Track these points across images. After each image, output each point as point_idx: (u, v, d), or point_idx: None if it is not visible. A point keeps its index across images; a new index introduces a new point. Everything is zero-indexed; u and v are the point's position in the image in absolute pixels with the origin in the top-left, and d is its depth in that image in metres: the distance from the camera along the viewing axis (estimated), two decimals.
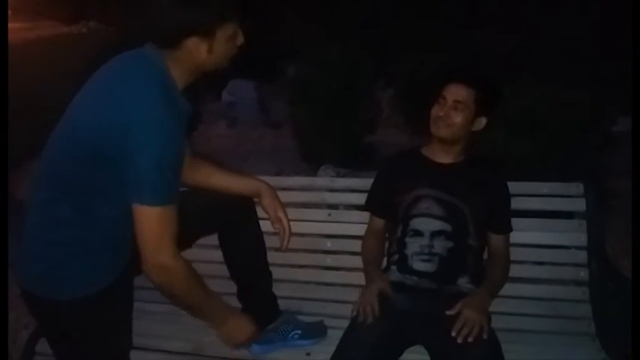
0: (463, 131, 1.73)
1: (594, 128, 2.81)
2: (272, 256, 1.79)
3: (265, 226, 1.74)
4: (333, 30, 6.38)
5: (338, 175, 3.01)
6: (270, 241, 1.76)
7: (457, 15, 5.57)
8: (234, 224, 1.64)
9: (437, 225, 1.70)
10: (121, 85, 1.29)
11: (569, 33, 4.59)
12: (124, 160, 1.24)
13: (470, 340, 1.48)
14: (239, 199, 1.65)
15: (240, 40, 1.39)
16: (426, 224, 1.71)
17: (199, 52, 1.31)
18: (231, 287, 1.79)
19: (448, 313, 1.56)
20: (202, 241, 1.74)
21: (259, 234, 1.71)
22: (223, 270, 1.78)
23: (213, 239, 1.74)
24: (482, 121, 1.74)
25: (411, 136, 5.19)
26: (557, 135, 2.74)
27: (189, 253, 1.53)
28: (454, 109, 1.70)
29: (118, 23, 7.31)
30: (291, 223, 1.68)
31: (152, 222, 1.26)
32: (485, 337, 1.50)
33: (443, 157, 1.79)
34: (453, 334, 1.50)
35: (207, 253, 1.90)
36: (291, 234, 1.67)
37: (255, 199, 1.69)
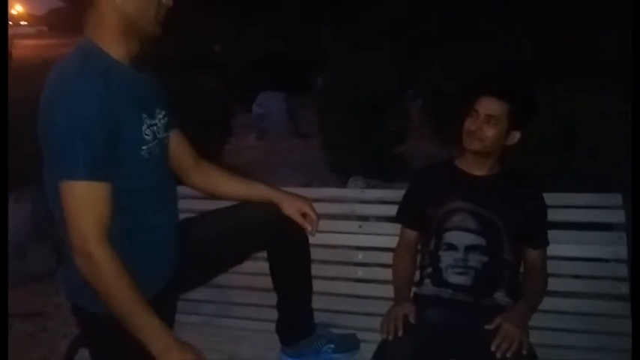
0: (496, 145, 1.71)
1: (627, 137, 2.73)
2: None
3: None
4: (361, 40, 6.41)
5: (368, 187, 3.00)
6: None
7: (488, 24, 5.52)
8: (285, 239, 1.63)
9: (471, 239, 1.68)
10: (51, 75, 1.30)
11: (603, 41, 4.50)
12: (47, 142, 1.23)
13: (508, 355, 1.45)
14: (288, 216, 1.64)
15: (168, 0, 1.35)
16: (460, 238, 1.69)
17: None
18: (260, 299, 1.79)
19: (487, 327, 1.53)
20: None
21: (307, 248, 1.70)
22: (255, 281, 1.79)
23: None
24: (517, 135, 1.71)
25: (441, 147, 5.15)
26: (593, 145, 2.68)
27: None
28: (486, 123, 1.68)
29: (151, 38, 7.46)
30: (322, 235, 1.67)
31: (75, 199, 1.20)
32: (524, 352, 1.47)
33: (477, 169, 1.76)
34: (493, 348, 1.46)
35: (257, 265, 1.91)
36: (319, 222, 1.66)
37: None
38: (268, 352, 1.78)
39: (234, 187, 1.64)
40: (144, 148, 1.32)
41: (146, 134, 1.33)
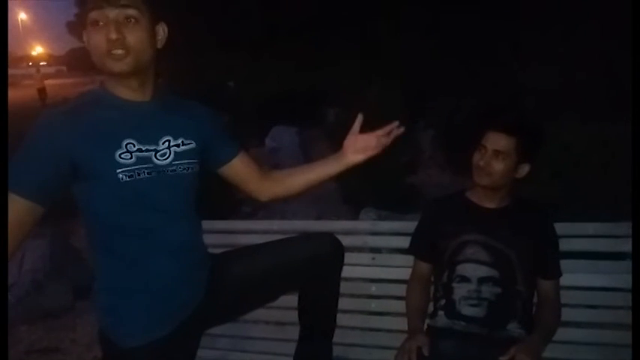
0: (505, 179, 1.72)
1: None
2: None
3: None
4: (371, 73, 6.52)
5: (379, 218, 3.02)
6: None
7: (496, 54, 5.60)
8: (316, 278, 1.62)
9: (484, 271, 1.69)
10: None
11: (608, 69, 4.54)
12: None
13: None
14: (326, 254, 1.63)
15: (109, 33, 1.30)
16: (472, 270, 1.70)
17: (84, 38, 1.34)
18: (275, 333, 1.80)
19: (501, 359, 1.53)
20: None
21: (338, 287, 1.69)
22: (270, 315, 1.79)
23: None
24: (526, 168, 1.73)
25: (453, 177, 5.17)
26: (602, 174, 2.69)
27: None
28: (495, 159, 1.69)
29: (167, 74, 7.65)
30: None
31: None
32: None
33: (487, 202, 1.78)
34: None
35: None
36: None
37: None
38: None
39: (311, 175, 1.67)
40: (119, 170, 1.31)
41: (122, 158, 1.32)
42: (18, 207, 1.26)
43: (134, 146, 1.35)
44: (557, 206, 1.89)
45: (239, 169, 1.62)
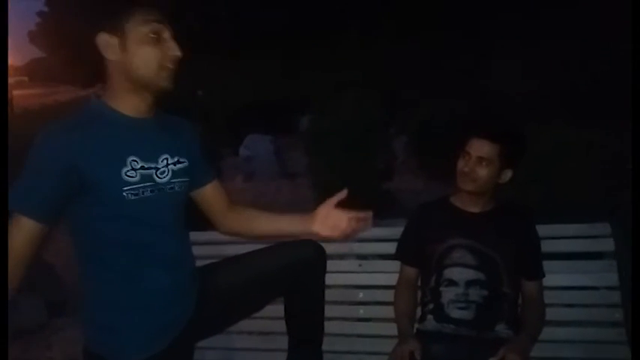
0: (489, 184, 1.77)
1: (611, 168, 2.85)
2: None
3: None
4: (344, 80, 6.57)
5: None
6: None
7: (467, 62, 5.73)
8: (300, 286, 1.62)
9: (471, 274, 1.73)
10: None
11: (576, 76, 4.71)
12: None
13: None
14: (308, 260, 1.61)
15: (173, 51, 1.36)
16: (460, 274, 1.73)
17: (111, 50, 1.33)
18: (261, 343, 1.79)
19: (491, 359, 1.57)
20: None
21: (323, 293, 1.69)
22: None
23: None
24: (509, 174, 1.78)
25: (427, 182, 5.26)
26: (576, 177, 2.78)
27: None
28: (479, 165, 1.74)
29: None
30: None
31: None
32: None
33: (472, 207, 1.82)
34: None
35: None
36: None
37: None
38: None
39: (270, 225, 1.62)
40: (125, 189, 1.32)
41: (128, 176, 1.33)
42: (28, 230, 1.26)
43: (137, 164, 1.35)
44: (535, 210, 1.95)
45: (209, 196, 1.61)
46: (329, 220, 1.56)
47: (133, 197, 1.33)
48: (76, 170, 1.27)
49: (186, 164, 1.47)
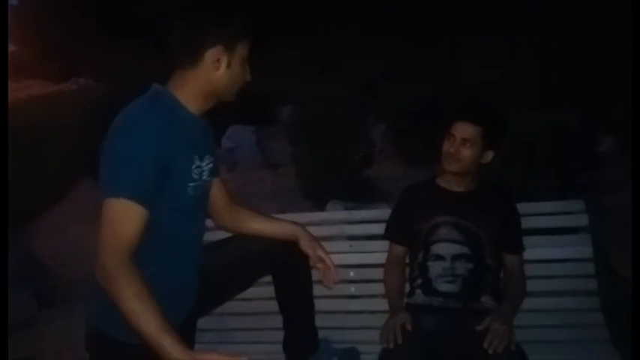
0: (473, 165, 1.87)
1: (582, 150, 3.00)
2: None
3: None
4: (321, 71, 6.64)
5: (346, 209, 3.14)
6: None
7: (441, 49, 5.85)
8: (288, 264, 1.70)
9: (457, 249, 1.83)
10: (120, 113, 1.42)
11: (546, 62, 4.88)
12: (104, 167, 1.34)
13: (499, 351, 1.60)
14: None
15: (248, 75, 1.48)
16: (446, 249, 1.84)
17: (219, 63, 1.40)
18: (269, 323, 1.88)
19: (478, 328, 1.68)
20: None
21: (309, 272, 1.77)
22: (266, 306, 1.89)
23: None
24: (490, 154, 1.89)
25: (405, 169, 5.38)
26: (549, 158, 2.93)
27: None
28: (463, 146, 1.84)
29: (108, 78, 7.47)
30: None
31: (110, 215, 1.28)
32: (512, 347, 1.62)
33: (456, 186, 1.92)
34: (485, 346, 1.61)
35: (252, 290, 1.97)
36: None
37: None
38: None
39: (261, 226, 1.71)
40: (190, 184, 1.44)
41: (194, 174, 1.45)
42: (142, 217, 1.31)
43: (198, 162, 1.46)
44: (514, 189, 2.06)
45: (212, 192, 1.67)
46: (313, 244, 1.68)
47: (192, 193, 1.44)
48: (164, 157, 1.35)
49: (213, 164, 1.57)
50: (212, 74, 1.41)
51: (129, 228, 1.30)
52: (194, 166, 1.45)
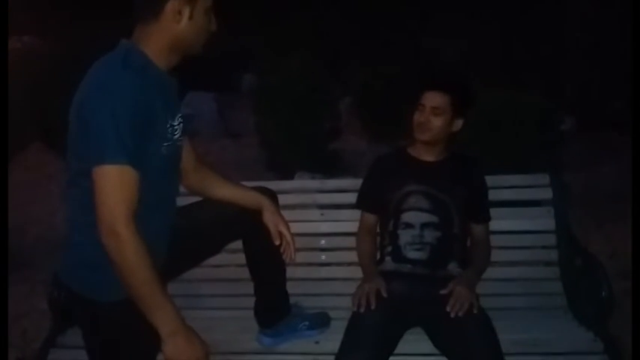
0: (443, 133, 1.91)
1: (545, 127, 3.11)
2: None
3: None
4: (284, 40, 6.54)
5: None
6: None
7: (406, 25, 5.87)
8: (258, 229, 1.70)
9: (425, 217, 1.87)
10: (90, 70, 1.38)
11: (511, 39, 4.99)
12: (84, 130, 1.30)
13: (460, 314, 1.66)
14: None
15: (214, 25, 1.45)
16: (415, 217, 1.88)
17: (181, 15, 1.36)
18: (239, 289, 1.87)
19: (442, 292, 1.73)
20: None
21: None
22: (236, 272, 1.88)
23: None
24: (459, 123, 1.93)
25: (370, 142, 5.41)
26: (513, 134, 3.01)
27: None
28: (433, 115, 1.87)
29: (55, 36, 7.11)
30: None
31: (107, 182, 1.27)
32: (475, 311, 1.68)
33: (427, 155, 1.96)
34: (448, 309, 1.67)
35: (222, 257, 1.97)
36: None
37: None
38: (242, 336, 1.87)
39: (227, 192, 1.71)
40: (165, 144, 1.40)
41: (168, 133, 1.41)
42: (136, 179, 1.30)
43: (171, 121, 1.42)
44: (480, 160, 2.12)
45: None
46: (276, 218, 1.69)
47: (165, 153, 1.41)
48: (144, 117, 1.31)
49: (182, 123, 1.52)
50: (174, 27, 1.38)
51: (128, 192, 1.29)
52: (167, 125, 1.41)
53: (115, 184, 1.27)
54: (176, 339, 1.33)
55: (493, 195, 2.05)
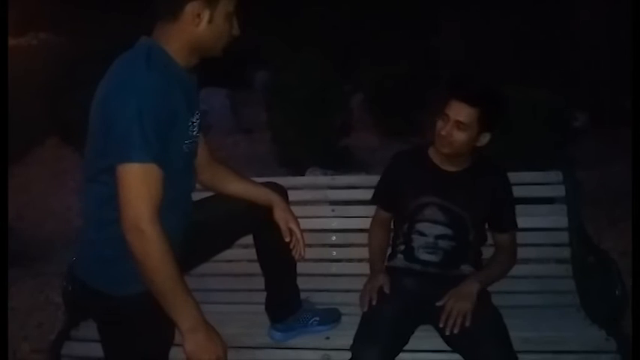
0: (465, 148, 1.76)
1: (558, 124, 3.08)
2: None
3: None
4: (295, 38, 6.55)
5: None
6: None
7: (416, 24, 5.84)
8: (268, 223, 1.70)
9: (440, 230, 1.81)
10: (113, 67, 1.39)
11: (522, 36, 4.94)
12: (107, 127, 1.29)
13: (455, 331, 1.63)
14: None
15: (236, 30, 1.44)
16: (430, 229, 1.81)
17: (200, 18, 1.35)
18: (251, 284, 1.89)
19: (437, 304, 1.70)
20: None
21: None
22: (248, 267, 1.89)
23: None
24: (487, 137, 1.76)
25: (382, 139, 5.41)
26: (525, 131, 2.99)
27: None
28: (456, 129, 1.71)
29: (71, 33, 7.17)
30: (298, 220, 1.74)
31: (132, 179, 1.27)
32: (467, 324, 1.63)
33: (448, 165, 1.84)
34: (440, 325, 1.65)
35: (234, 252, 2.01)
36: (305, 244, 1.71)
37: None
38: (254, 331, 1.88)
39: (239, 188, 1.72)
40: (186, 142, 1.42)
41: (190, 130, 1.43)
42: (162, 177, 1.31)
43: (191, 118, 1.44)
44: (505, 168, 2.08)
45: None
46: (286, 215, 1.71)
47: (187, 150, 1.43)
48: (168, 115, 1.32)
49: (200, 120, 1.54)
50: (193, 30, 1.37)
51: (153, 190, 1.30)
52: (189, 123, 1.43)
53: (140, 182, 1.28)
54: (197, 335, 1.34)
55: None
